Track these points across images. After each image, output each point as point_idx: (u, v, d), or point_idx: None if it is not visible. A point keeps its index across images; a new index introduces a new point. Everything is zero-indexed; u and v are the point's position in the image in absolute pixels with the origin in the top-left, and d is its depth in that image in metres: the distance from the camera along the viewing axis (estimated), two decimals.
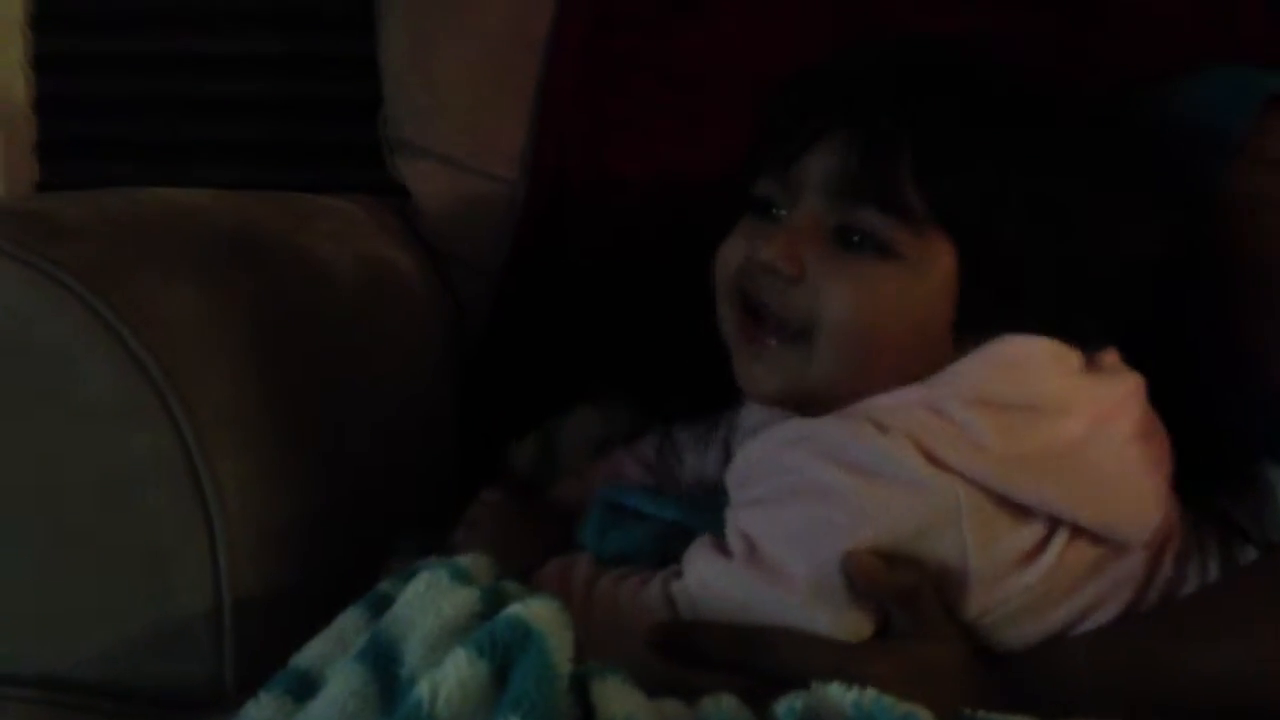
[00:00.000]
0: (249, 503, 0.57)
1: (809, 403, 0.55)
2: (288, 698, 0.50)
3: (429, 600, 0.49)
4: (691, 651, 0.52)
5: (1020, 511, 0.52)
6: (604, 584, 0.55)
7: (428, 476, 0.78)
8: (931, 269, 0.53)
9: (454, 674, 0.45)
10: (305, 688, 0.50)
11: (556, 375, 0.86)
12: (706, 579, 0.53)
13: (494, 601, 0.50)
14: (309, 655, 0.51)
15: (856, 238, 0.54)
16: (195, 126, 1.20)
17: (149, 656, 0.55)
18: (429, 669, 0.47)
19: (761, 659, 0.51)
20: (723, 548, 0.54)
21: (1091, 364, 0.56)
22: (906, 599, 0.51)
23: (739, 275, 0.57)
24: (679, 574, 0.55)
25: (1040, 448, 0.52)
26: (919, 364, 0.54)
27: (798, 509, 0.53)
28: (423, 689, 0.45)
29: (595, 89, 0.88)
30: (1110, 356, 0.57)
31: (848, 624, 0.52)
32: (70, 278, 0.55)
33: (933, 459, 0.51)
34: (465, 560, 0.52)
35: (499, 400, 0.87)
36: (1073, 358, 0.55)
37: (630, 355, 0.85)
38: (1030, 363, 0.54)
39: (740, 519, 0.54)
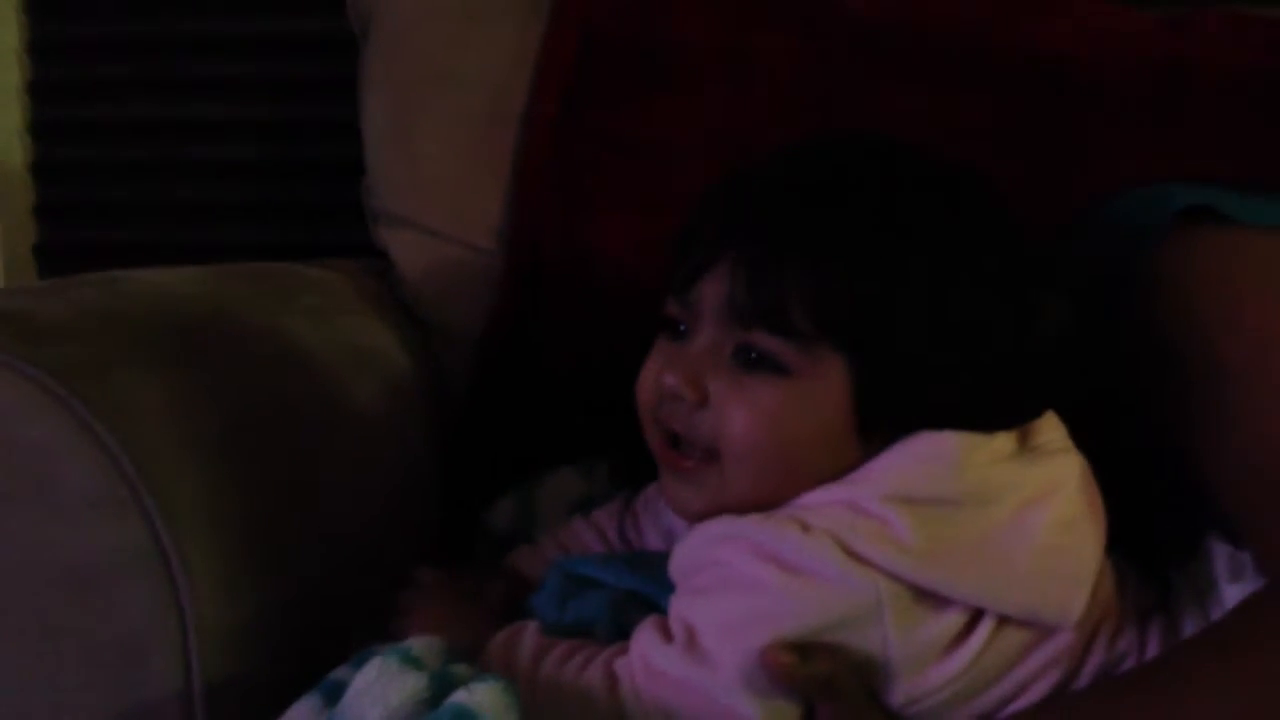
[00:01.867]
0: (220, 593, 0.59)
1: (734, 513, 0.57)
2: None
3: (378, 689, 0.51)
4: None
5: (942, 601, 0.54)
6: (549, 664, 0.57)
7: (409, 544, 0.80)
8: (823, 381, 0.56)
9: None
10: None
11: (535, 440, 0.88)
12: (649, 660, 0.56)
13: (442, 686, 0.52)
14: None
15: (754, 355, 0.56)
16: (188, 189, 1.23)
17: None
18: None
19: None
20: (667, 630, 0.57)
21: (1026, 444, 0.58)
22: (822, 688, 0.53)
23: (654, 401, 0.60)
24: (624, 651, 0.57)
25: (959, 541, 0.54)
26: (829, 466, 0.56)
27: (729, 600, 0.55)
28: None
29: (569, 164, 0.91)
30: (1048, 433, 0.59)
31: (774, 712, 0.54)
32: (49, 379, 0.58)
33: (853, 555, 0.53)
34: (415, 645, 0.54)
35: (480, 465, 0.89)
36: (996, 443, 0.56)
37: (605, 421, 0.87)
38: (944, 458, 0.55)
39: (681, 606, 0.57)
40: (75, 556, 0.57)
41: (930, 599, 0.54)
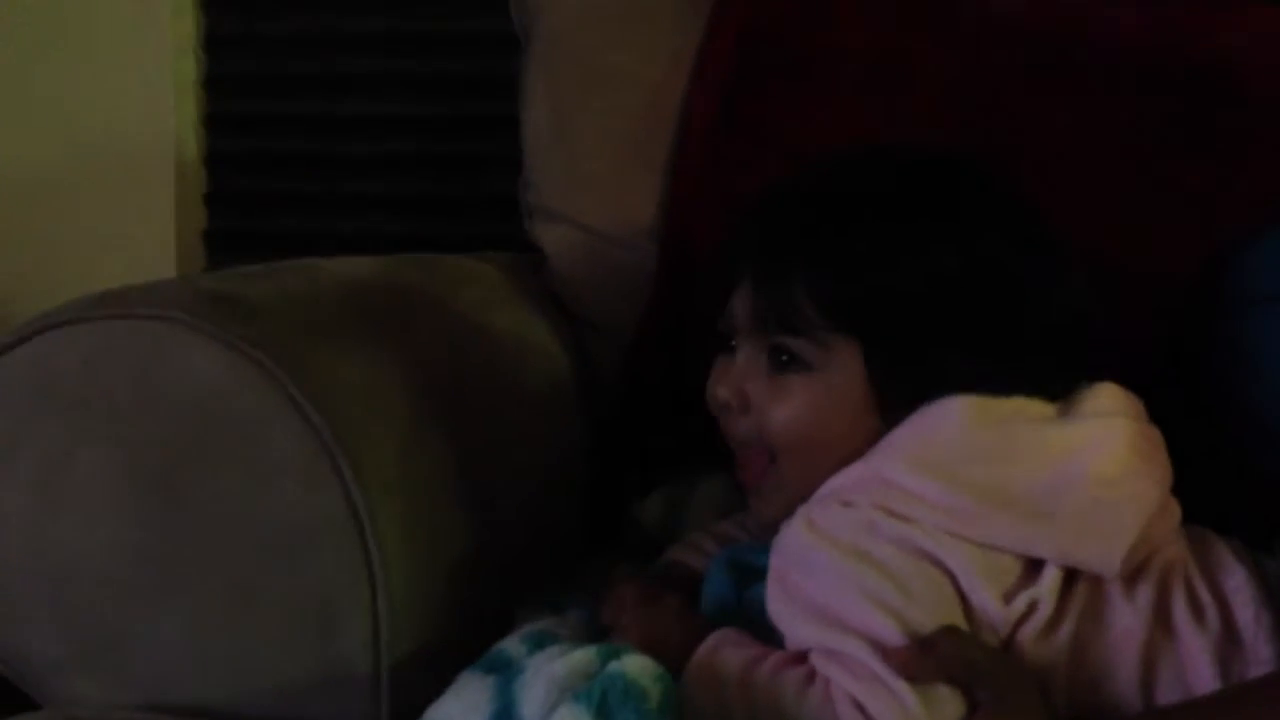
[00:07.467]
0: (407, 560, 0.63)
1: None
2: None
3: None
4: None
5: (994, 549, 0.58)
6: (765, 670, 0.58)
7: (562, 532, 0.83)
8: (842, 369, 0.63)
9: None
10: None
11: (682, 438, 0.90)
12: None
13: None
14: (438, 712, 0.57)
15: (785, 357, 0.64)
16: (350, 182, 1.29)
17: (315, 699, 0.61)
18: None
19: None
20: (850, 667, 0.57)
21: (1070, 411, 0.61)
22: (963, 668, 0.55)
23: (716, 414, 0.66)
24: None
25: (986, 493, 0.58)
26: (857, 447, 0.62)
27: (848, 608, 0.57)
28: None
29: (724, 164, 0.92)
30: (1097, 401, 0.62)
31: (940, 705, 0.55)
32: (259, 354, 0.62)
33: (902, 518, 0.58)
34: (640, 669, 0.54)
35: (628, 459, 0.91)
36: (1016, 405, 0.60)
37: None
38: (951, 419, 0.60)
39: (821, 662, 0.57)
40: (278, 521, 0.61)
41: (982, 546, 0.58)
